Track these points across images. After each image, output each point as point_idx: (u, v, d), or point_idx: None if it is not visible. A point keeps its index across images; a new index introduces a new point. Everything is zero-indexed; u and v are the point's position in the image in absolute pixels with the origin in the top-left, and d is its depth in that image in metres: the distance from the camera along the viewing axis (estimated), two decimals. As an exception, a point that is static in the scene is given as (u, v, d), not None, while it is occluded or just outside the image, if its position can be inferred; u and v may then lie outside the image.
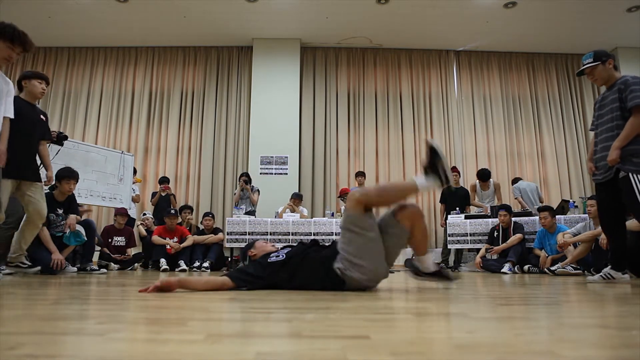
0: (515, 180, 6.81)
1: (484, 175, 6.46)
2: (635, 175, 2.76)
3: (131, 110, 7.88)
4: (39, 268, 3.54)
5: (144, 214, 6.38)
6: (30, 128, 3.28)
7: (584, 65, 3.09)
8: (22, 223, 3.45)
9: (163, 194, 6.43)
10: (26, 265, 3.44)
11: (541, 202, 6.43)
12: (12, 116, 2.85)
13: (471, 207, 6.63)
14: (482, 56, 8.25)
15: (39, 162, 3.54)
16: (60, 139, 4.20)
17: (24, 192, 3.24)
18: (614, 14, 6.89)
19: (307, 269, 2.12)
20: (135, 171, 6.68)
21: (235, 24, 7.30)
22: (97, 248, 4.99)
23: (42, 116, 3.51)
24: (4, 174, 2.89)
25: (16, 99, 3.12)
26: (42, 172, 3.63)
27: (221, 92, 7.93)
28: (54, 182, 3.82)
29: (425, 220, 2.29)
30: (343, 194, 6.16)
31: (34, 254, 3.73)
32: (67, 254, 4.11)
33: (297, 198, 6.37)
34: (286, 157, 7.37)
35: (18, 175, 3.13)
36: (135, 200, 6.58)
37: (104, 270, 4.61)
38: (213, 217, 5.84)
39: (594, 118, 3.20)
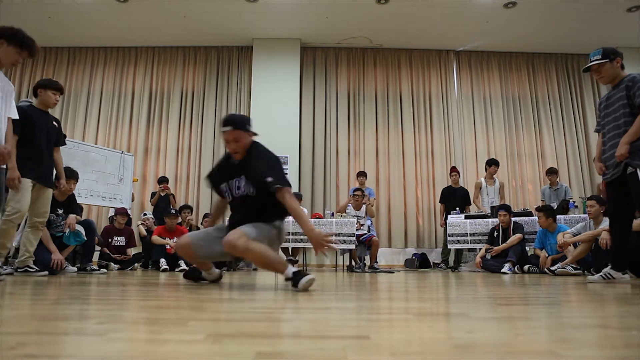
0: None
1: (492, 162, 6.48)
2: None
3: (131, 110, 7.88)
4: (47, 272, 3.55)
5: (145, 214, 6.38)
6: (45, 134, 3.37)
7: (591, 62, 3.04)
8: (25, 226, 3.47)
9: (162, 194, 6.43)
10: (34, 270, 3.46)
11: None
12: (16, 117, 2.89)
13: (471, 207, 6.64)
14: (482, 56, 8.25)
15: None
16: None
17: (34, 193, 3.31)
18: (614, 14, 6.89)
19: None
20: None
21: (235, 24, 7.30)
22: (97, 248, 4.98)
23: (54, 123, 3.56)
24: (22, 175, 3.03)
25: (29, 107, 3.34)
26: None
27: (221, 92, 7.93)
28: (64, 188, 3.83)
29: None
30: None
31: (34, 254, 3.73)
32: (67, 254, 4.10)
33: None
34: (286, 157, 7.37)
35: (34, 176, 3.23)
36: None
37: (104, 270, 4.61)
38: (213, 217, 5.83)
39: (599, 119, 3.17)
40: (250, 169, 2.40)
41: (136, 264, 5.50)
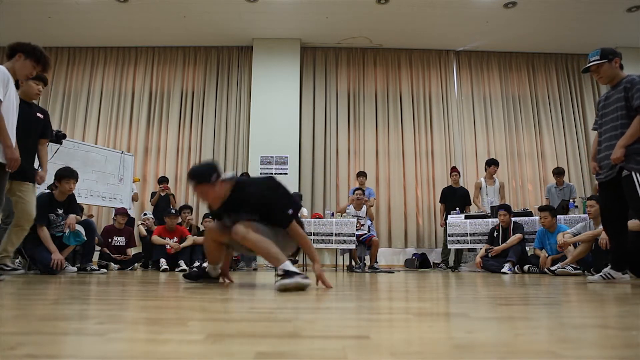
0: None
1: (492, 162, 6.49)
2: (638, 174, 2.74)
3: (131, 110, 7.88)
4: (22, 271, 3.49)
5: (145, 214, 6.38)
6: (26, 127, 3.20)
7: (590, 62, 3.05)
8: (11, 225, 3.35)
9: (162, 194, 6.43)
10: (10, 268, 3.37)
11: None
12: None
13: (471, 207, 6.63)
14: (482, 56, 8.25)
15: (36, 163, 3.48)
16: (58, 137, 4.18)
17: (14, 191, 3.18)
18: (614, 14, 6.89)
19: None
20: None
21: (235, 24, 7.30)
22: (97, 248, 4.98)
23: (40, 114, 3.42)
24: None
25: None
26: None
27: (221, 92, 7.93)
28: (43, 182, 3.76)
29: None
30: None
31: (34, 254, 3.73)
32: (67, 254, 4.10)
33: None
34: (286, 157, 7.37)
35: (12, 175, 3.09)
36: (133, 199, 6.59)
37: (104, 270, 4.61)
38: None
39: (597, 117, 3.17)
40: (272, 212, 2.45)
41: (136, 264, 5.50)
